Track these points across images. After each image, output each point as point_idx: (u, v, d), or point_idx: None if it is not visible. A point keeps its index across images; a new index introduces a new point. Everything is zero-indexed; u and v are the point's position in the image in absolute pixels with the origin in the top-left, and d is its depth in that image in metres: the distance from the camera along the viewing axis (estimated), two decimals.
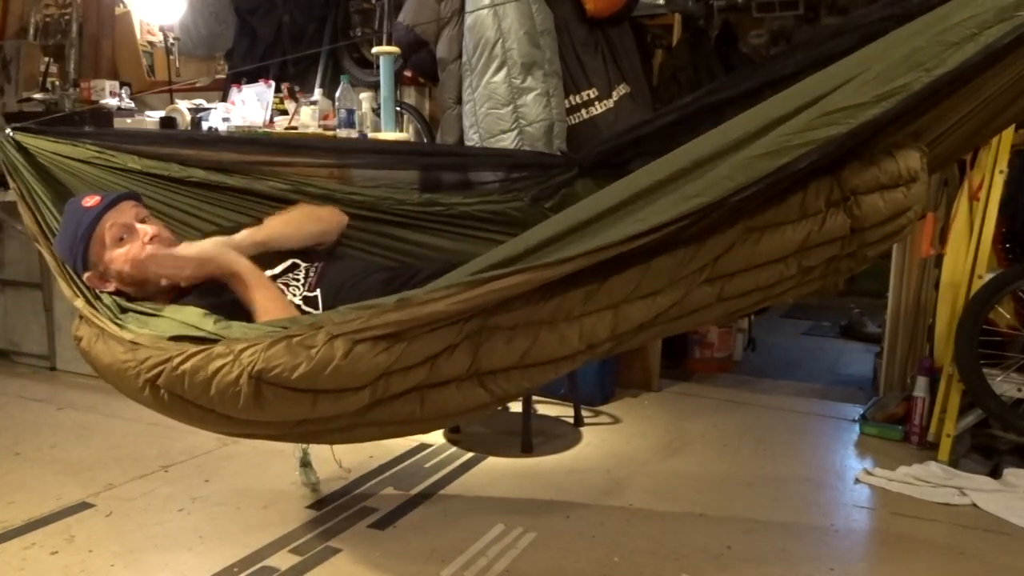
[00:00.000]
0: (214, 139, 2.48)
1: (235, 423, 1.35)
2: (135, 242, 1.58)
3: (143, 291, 1.60)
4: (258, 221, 1.87)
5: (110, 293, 1.59)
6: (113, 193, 1.63)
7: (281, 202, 1.90)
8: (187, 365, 1.28)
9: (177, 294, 1.58)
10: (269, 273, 1.64)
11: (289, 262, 1.70)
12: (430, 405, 1.32)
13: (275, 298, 1.53)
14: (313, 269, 1.67)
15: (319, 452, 2.32)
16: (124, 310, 1.54)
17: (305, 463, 2.30)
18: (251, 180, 1.90)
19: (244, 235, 1.64)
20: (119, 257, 1.57)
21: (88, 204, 1.59)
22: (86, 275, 1.58)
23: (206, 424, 1.39)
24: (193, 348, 1.31)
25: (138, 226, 1.60)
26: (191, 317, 1.43)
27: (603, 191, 1.30)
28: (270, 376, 1.22)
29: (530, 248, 1.22)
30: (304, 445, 2.27)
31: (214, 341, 1.32)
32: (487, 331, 1.26)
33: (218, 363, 1.26)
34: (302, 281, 1.64)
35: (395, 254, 1.94)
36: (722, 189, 1.13)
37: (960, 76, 1.13)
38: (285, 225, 1.74)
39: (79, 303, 1.53)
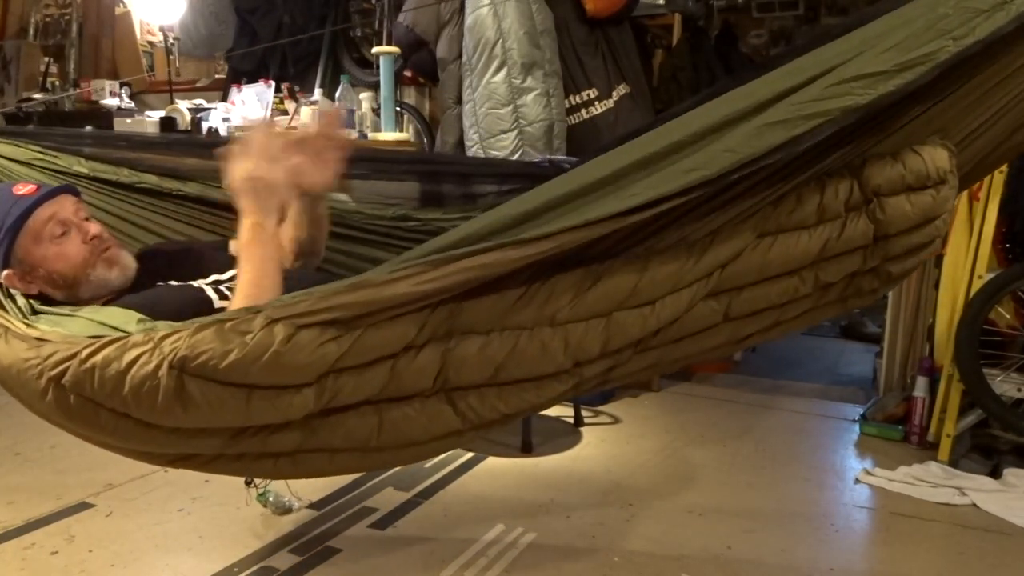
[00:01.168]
0: (166, 142, 2.15)
1: (155, 434, 1.13)
2: (74, 240, 1.38)
3: (72, 294, 1.40)
4: (213, 234, 1.73)
5: (28, 296, 1.38)
6: (50, 185, 1.44)
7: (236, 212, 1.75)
8: (98, 357, 1.07)
9: (112, 298, 1.39)
10: (214, 277, 1.45)
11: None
12: (389, 427, 1.14)
13: (273, 287, 1.23)
14: None
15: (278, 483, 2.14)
16: (36, 312, 1.35)
17: (264, 493, 2.10)
18: (206, 188, 1.74)
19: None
20: (54, 255, 1.36)
21: (21, 192, 1.37)
22: (5, 272, 1.36)
23: (119, 435, 1.15)
24: (107, 339, 1.09)
25: (77, 222, 1.39)
26: (112, 317, 1.23)
27: (592, 162, 1.16)
28: (195, 365, 1.03)
29: (507, 222, 1.06)
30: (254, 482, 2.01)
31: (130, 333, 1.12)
32: (457, 335, 1.09)
33: (134, 352, 1.05)
34: None
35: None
36: (724, 162, 1.01)
37: (986, 54, 1.03)
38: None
39: None
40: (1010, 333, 2.53)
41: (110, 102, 4.03)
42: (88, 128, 3.28)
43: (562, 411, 3.01)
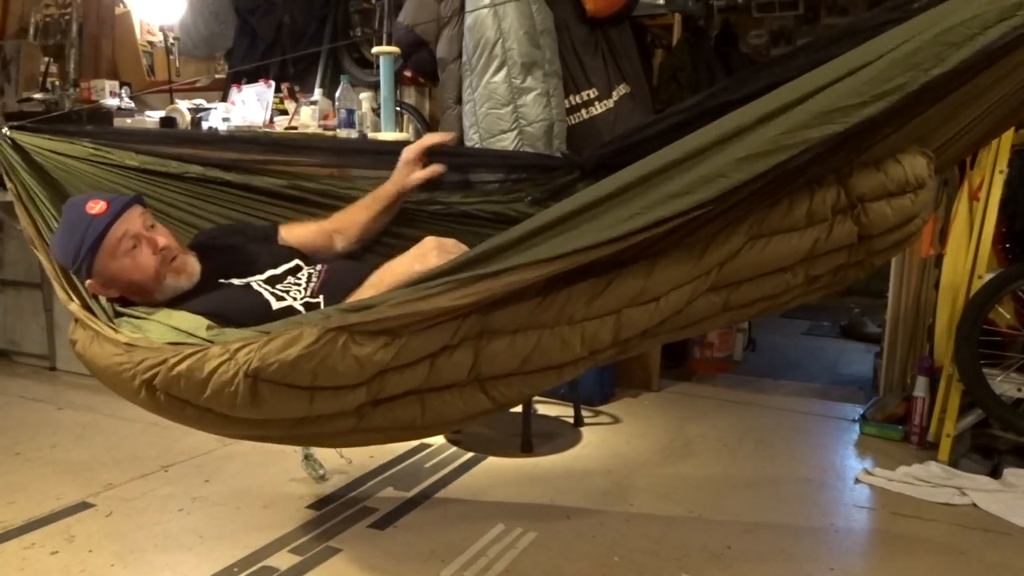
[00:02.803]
0: (212, 138, 2.49)
1: (233, 423, 1.34)
2: (145, 252, 1.55)
3: (147, 299, 1.58)
4: (256, 219, 1.89)
5: (109, 300, 1.59)
6: (119, 199, 1.58)
7: (278, 198, 1.90)
8: (183, 366, 1.28)
9: (178, 299, 1.57)
10: (269, 273, 1.63)
11: (293, 263, 1.67)
12: (431, 411, 1.31)
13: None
14: (316, 273, 1.64)
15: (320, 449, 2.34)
16: (118, 314, 1.54)
17: (308, 455, 2.33)
18: (249, 176, 1.89)
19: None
20: (129, 267, 1.54)
21: (94, 211, 1.53)
22: (88, 282, 1.56)
23: (203, 424, 1.38)
24: (189, 349, 1.30)
25: (147, 235, 1.56)
26: (184, 323, 1.42)
27: (595, 185, 1.28)
28: (267, 373, 1.22)
29: (521, 237, 1.20)
30: None
31: (209, 344, 1.31)
32: (488, 334, 1.25)
33: (214, 363, 1.25)
34: (303, 285, 1.61)
35: (395, 252, 1.91)
36: (716, 188, 1.11)
37: (960, 75, 1.12)
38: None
39: (74, 307, 1.52)
40: (1010, 333, 2.53)
41: (110, 102, 4.03)
42: (133, 127, 3.34)
43: (562, 411, 3.01)
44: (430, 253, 1.45)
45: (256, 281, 1.60)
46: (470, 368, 1.27)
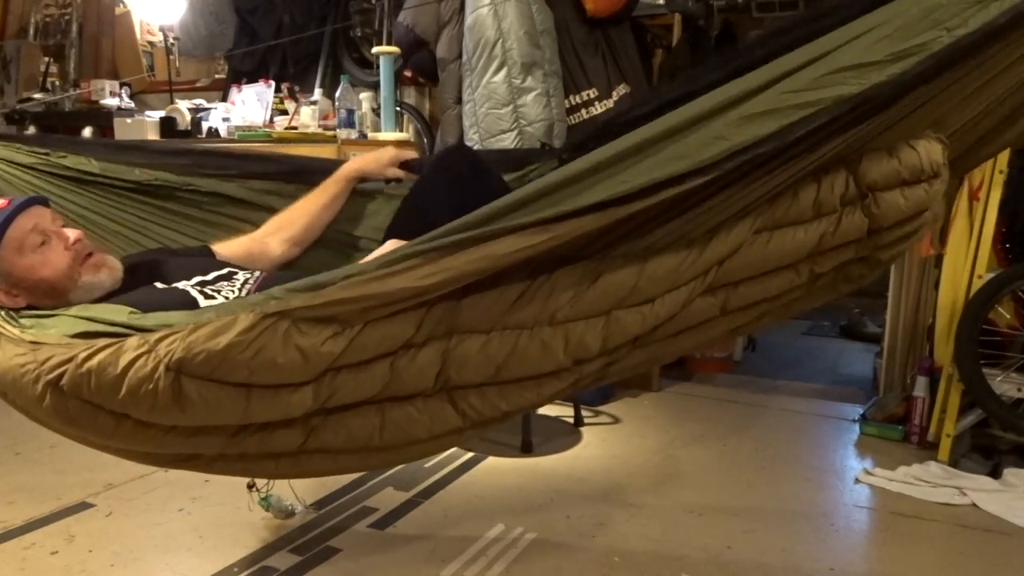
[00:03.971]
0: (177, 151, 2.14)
1: (153, 434, 1.13)
2: (56, 248, 1.38)
3: (63, 301, 1.38)
4: (222, 233, 1.75)
5: (15, 310, 1.35)
6: (21, 197, 1.42)
7: (248, 205, 1.79)
8: (94, 361, 1.07)
9: (102, 299, 1.39)
10: (198, 279, 1.44)
11: (225, 270, 1.50)
12: (392, 426, 1.15)
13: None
14: (253, 278, 1.48)
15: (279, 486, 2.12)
16: (20, 315, 1.32)
17: (264, 496, 2.06)
18: (219, 183, 1.79)
19: None
20: (39, 263, 1.36)
21: None
22: None
23: (119, 437, 1.15)
24: (103, 341, 1.10)
25: (56, 230, 1.40)
26: (102, 312, 1.22)
27: (584, 156, 1.14)
28: (193, 365, 1.03)
29: (498, 209, 1.05)
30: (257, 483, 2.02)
31: (125, 336, 1.10)
32: (458, 333, 1.10)
33: (130, 355, 1.05)
34: (237, 287, 1.43)
35: (345, 248, 1.77)
36: (716, 150, 1.01)
37: (981, 47, 1.03)
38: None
39: None
40: (1010, 333, 2.53)
41: (110, 102, 4.03)
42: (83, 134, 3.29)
43: (562, 411, 3.01)
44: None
45: (184, 284, 1.43)
46: (437, 373, 1.11)
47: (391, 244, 1.34)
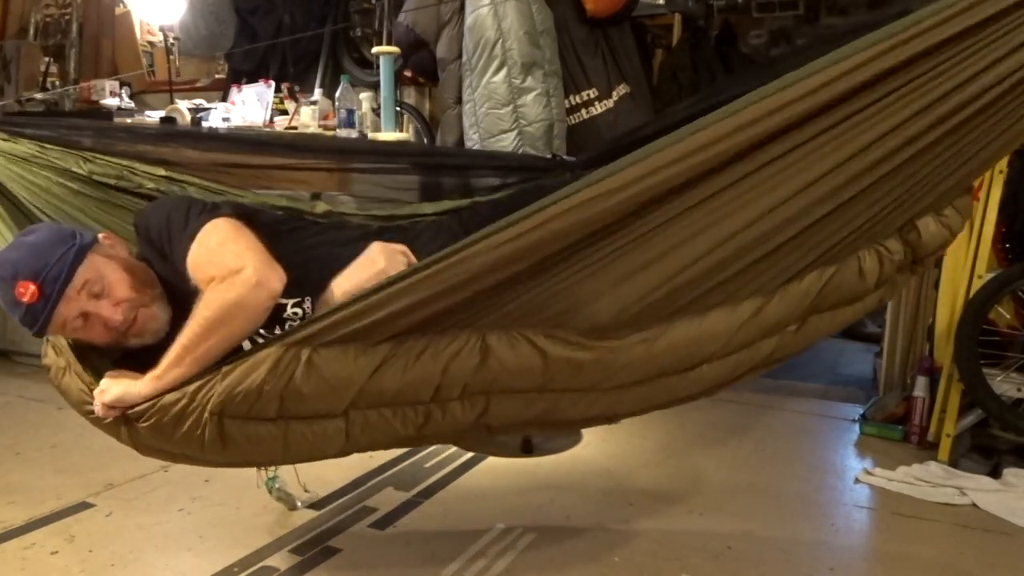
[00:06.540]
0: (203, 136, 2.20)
1: (211, 460, 1.32)
2: (95, 328, 1.36)
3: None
4: None
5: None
6: (52, 270, 1.31)
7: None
8: (146, 424, 1.22)
9: (119, 356, 1.43)
10: None
11: None
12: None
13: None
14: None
15: (284, 472, 2.14)
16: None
17: (273, 478, 2.10)
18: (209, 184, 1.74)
19: None
20: (84, 339, 1.39)
21: (24, 299, 1.32)
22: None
23: (180, 461, 1.34)
24: (148, 403, 1.22)
25: (94, 311, 1.34)
26: None
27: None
28: (233, 407, 1.13)
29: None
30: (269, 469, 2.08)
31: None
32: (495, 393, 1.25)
33: (173, 410, 1.18)
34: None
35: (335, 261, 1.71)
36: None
37: None
38: None
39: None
40: (1010, 333, 2.53)
41: (110, 102, 4.03)
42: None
43: None
44: (377, 257, 1.33)
45: None
46: (478, 416, 1.28)
47: (377, 247, 1.36)
